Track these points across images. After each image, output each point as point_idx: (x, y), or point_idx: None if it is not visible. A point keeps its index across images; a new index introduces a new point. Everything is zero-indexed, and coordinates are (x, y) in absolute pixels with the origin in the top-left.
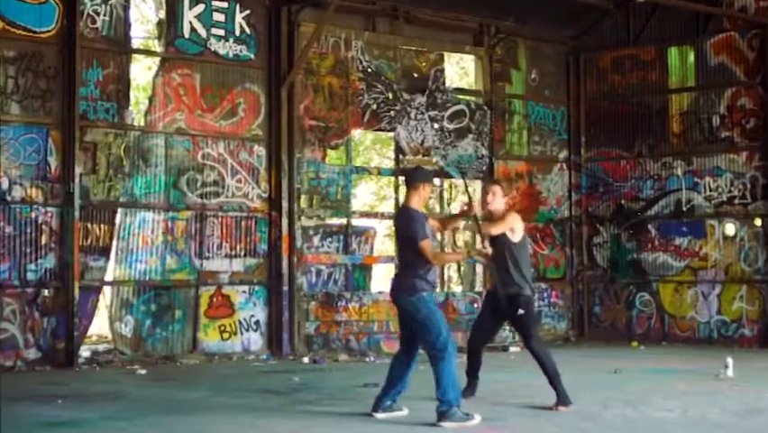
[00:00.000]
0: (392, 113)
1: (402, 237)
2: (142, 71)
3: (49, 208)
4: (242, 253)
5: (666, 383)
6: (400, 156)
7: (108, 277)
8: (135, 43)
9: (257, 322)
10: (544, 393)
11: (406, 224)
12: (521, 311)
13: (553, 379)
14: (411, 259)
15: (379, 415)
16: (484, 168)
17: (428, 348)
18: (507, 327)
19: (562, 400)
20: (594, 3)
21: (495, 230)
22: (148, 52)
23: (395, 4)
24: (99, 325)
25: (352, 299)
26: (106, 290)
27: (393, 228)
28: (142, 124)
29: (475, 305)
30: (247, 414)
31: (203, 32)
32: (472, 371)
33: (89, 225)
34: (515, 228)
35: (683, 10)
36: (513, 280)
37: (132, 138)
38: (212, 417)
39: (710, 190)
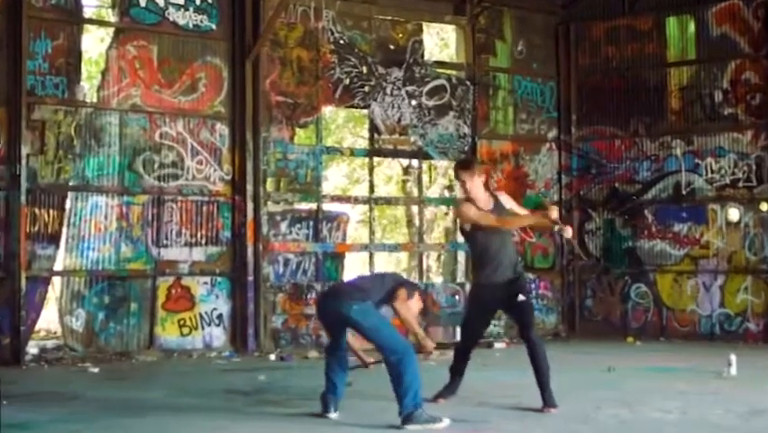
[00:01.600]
0: (366, 88)
1: None
2: (95, 43)
3: None
4: (204, 241)
5: (664, 382)
6: (375, 135)
7: (58, 267)
8: (87, 12)
9: (219, 316)
10: (531, 393)
11: None
12: (522, 297)
13: (544, 376)
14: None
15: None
16: (466, 148)
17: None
18: (493, 322)
19: (551, 400)
20: None
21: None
22: (101, 23)
23: None
24: (48, 319)
25: None
26: (56, 280)
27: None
28: (95, 100)
29: (456, 297)
30: (208, 416)
31: (160, 1)
32: (458, 370)
33: (37, 211)
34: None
35: None
36: (513, 262)
37: (84, 116)
38: (170, 419)
39: (712, 172)
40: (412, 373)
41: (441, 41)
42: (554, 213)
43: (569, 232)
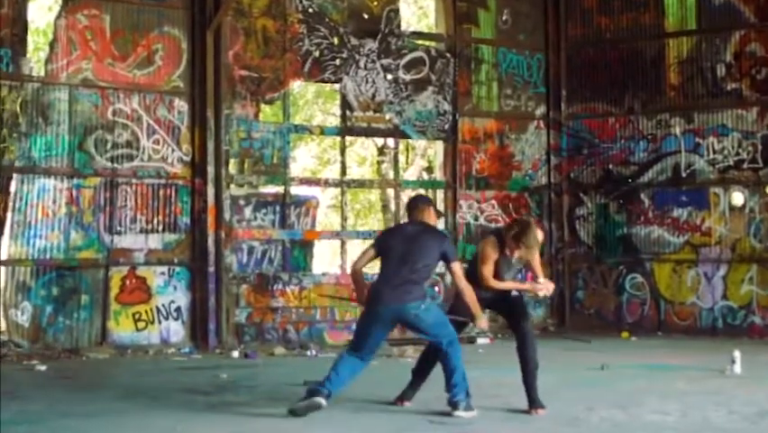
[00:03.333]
0: (338, 61)
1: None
2: (42, 12)
3: None
4: (161, 228)
5: (662, 382)
6: (347, 112)
7: (2, 256)
8: None
9: (177, 309)
10: (517, 392)
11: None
12: (514, 292)
13: (531, 373)
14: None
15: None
16: (446, 126)
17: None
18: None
19: (538, 401)
20: None
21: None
22: None
23: None
24: None
25: (291, 282)
26: None
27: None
28: (42, 74)
29: (435, 288)
30: (166, 418)
31: None
32: (422, 372)
33: None
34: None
35: None
36: None
37: (30, 91)
38: (124, 421)
39: (714, 153)
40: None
41: (419, 10)
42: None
43: (548, 289)
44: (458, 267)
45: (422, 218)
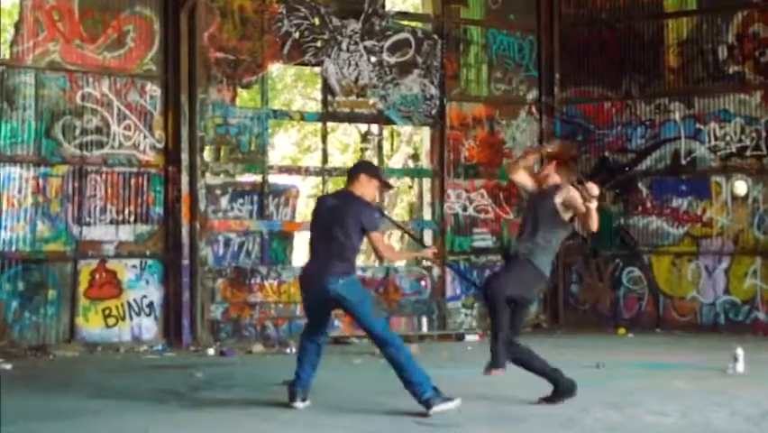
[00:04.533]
0: (319, 43)
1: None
2: None
3: None
4: (132, 219)
5: (661, 381)
6: (329, 97)
7: None
8: None
9: (150, 304)
10: (506, 393)
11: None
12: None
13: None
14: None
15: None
16: (433, 111)
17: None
18: (464, 311)
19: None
20: None
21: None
22: None
23: None
24: None
25: (269, 276)
26: None
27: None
28: (7, 57)
29: (422, 283)
30: (138, 419)
31: None
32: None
33: None
34: None
35: None
36: None
37: None
38: (94, 423)
39: (716, 139)
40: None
41: None
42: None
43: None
44: (377, 236)
45: (351, 188)
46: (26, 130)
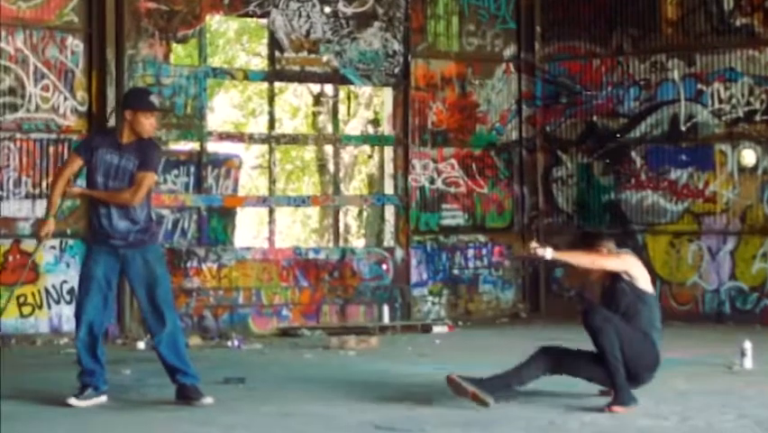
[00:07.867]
0: None
1: None
2: None
3: None
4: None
5: (658, 379)
6: (276, 53)
7: None
8: None
9: (71, 291)
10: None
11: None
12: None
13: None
14: None
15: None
16: (396, 70)
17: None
18: (431, 299)
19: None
20: None
21: None
22: None
23: None
24: None
25: (208, 258)
26: None
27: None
28: None
29: (384, 266)
30: (58, 422)
31: None
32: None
33: None
34: None
35: None
36: None
37: None
38: (6, 429)
39: (721, 102)
40: None
41: None
42: None
43: None
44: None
45: None
46: None
